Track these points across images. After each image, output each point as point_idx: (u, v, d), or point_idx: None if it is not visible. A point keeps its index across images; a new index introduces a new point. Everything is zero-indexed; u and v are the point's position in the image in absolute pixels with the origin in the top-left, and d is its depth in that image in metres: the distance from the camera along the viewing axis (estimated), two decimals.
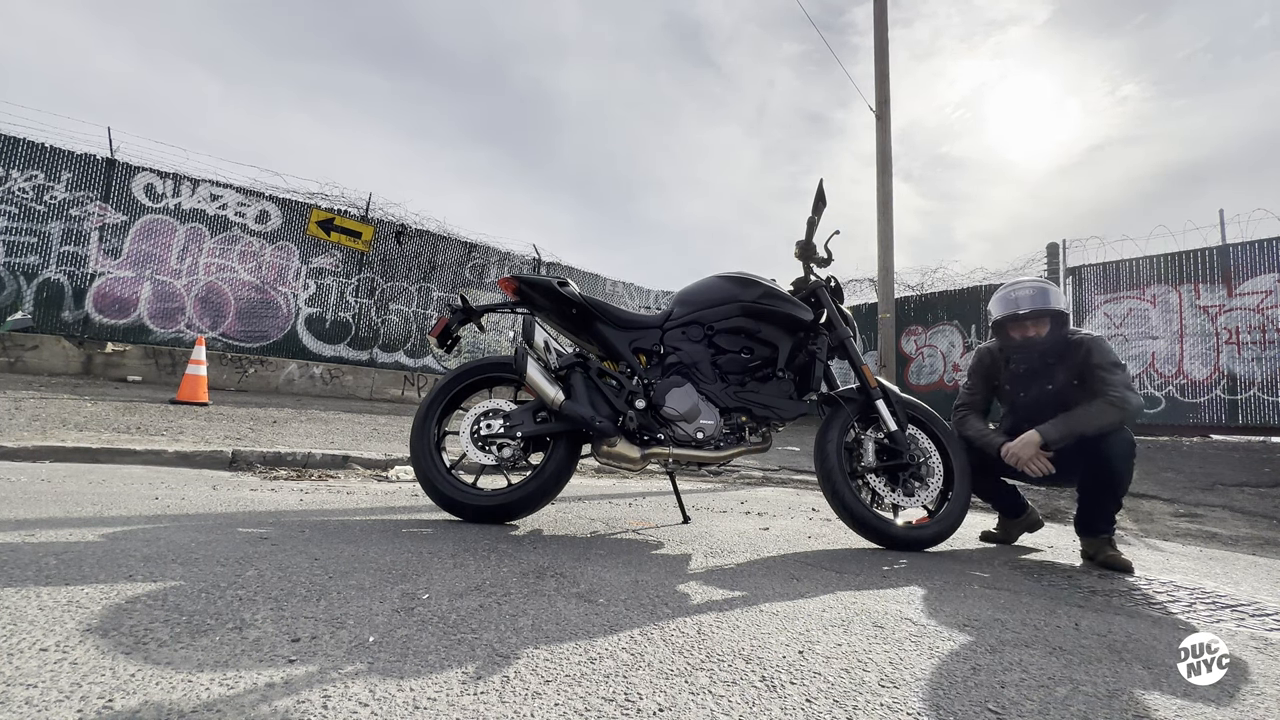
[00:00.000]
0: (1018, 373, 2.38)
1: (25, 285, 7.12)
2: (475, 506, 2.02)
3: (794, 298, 2.29)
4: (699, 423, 2.10)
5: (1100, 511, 2.12)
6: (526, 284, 2.17)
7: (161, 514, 1.83)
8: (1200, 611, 1.56)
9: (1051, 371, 2.29)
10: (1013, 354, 2.38)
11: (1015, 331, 2.35)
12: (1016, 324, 2.34)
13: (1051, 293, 2.31)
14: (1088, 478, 2.16)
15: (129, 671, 0.79)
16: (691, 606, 1.29)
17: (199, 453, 3.10)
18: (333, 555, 1.45)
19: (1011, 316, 2.32)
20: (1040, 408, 2.26)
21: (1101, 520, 2.12)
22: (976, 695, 0.93)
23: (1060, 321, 2.30)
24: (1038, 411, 2.25)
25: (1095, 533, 2.12)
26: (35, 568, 1.19)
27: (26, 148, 7.23)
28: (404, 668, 0.87)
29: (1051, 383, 2.28)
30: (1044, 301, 2.29)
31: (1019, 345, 2.34)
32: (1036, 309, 2.28)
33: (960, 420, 2.49)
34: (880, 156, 7.42)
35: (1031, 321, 2.31)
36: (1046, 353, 2.29)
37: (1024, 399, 2.36)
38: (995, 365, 2.49)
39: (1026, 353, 2.33)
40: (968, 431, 2.43)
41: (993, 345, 2.51)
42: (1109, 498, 2.11)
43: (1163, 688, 1.03)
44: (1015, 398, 2.40)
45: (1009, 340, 2.38)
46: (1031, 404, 2.32)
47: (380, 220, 9.50)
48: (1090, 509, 2.15)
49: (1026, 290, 2.33)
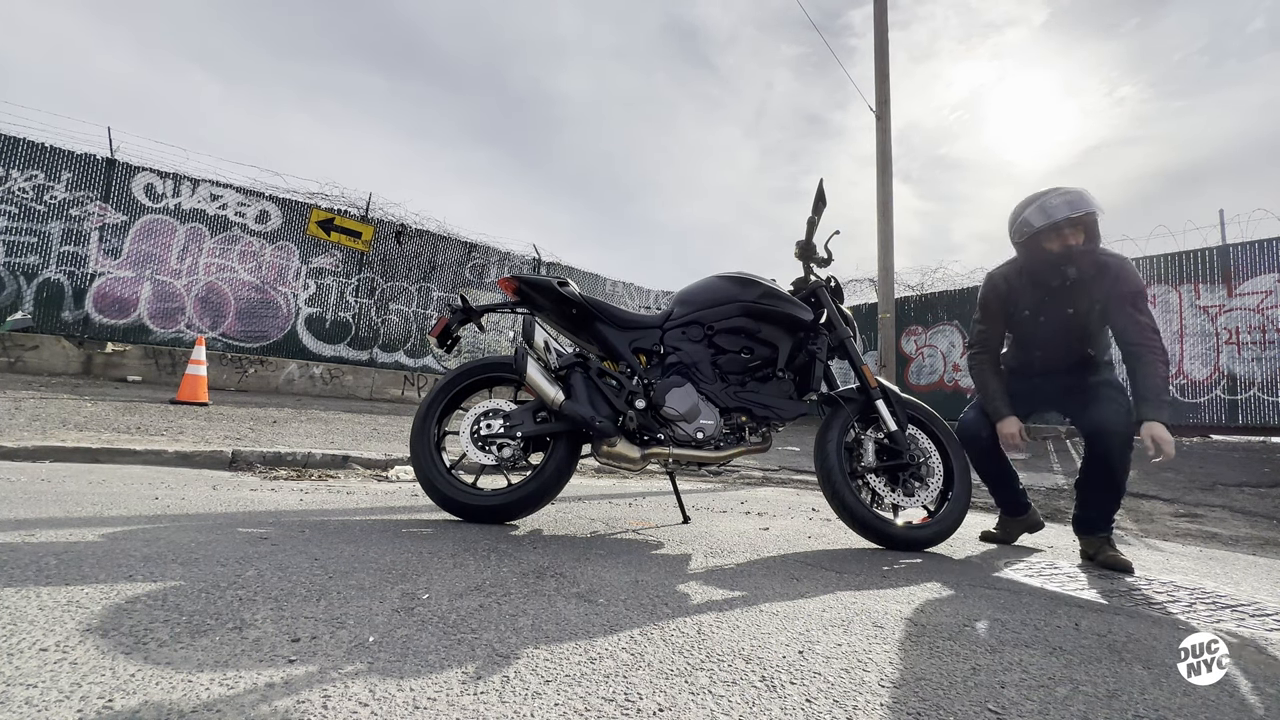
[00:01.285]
0: (1041, 297, 2.19)
1: (25, 285, 7.12)
2: (475, 506, 2.02)
3: (794, 298, 2.29)
4: (699, 423, 2.10)
5: (1099, 511, 2.11)
6: (526, 284, 2.17)
7: (161, 514, 1.83)
8: (1200, 611, 1.56)
9: (1075, 294, 2.11)
10: (1047, 269, 2.13)
11: (1054, 242, 2.10)
12: (1056, 232, 2.08)
13: (1092, 195, 2.07)
14: (1086, 476, 2.14)
15: (129, 671, 0.79)
16: (691, 606, 1.29)
17: (199, 453, 3.09)
18: (333, 555, 1.45)
19: (1064, 221, 2.05)
20: (1062, 337, 2.15)
21: (1100, 520, 2.11)
22: (976, 695, 0.93)
23: (1096, 233, 2.09)
24: (1059, 342, 2.15)
25: (1093, 531, 2.11)
26: (35, 568, 1.19)
27: (26, 147, 7.23)
28: (404, 668, 0.87)
29: (1074, 307, 2.12)
30: (1090, 203, 2.05)
31: (1058, 257, 2.09)
32: (1089, 210, 2.04)
33: (978, 369, 2.35)
34: (880, 157, 7.42)
35: (1074, 229, 2.07)
36: (1085, 269, 2.08)
37: (1045, 326, 2.19)
38: (1012, 292, 2.27)
39: (1065, 266, 2.08)
40: (988, 386, 2.29)
41: (1007, 270, 2.30)
42: (1108, 497, 2.10)
43: (1163, 688, 1.03)
44: (1034, 325, 2.21)
45: (1044, 255, 2.12)
46: (1052, 334, 2.18)
47: (380, 220, 9.50)
48: (1088, 508, 2.14)
49: (1070, 194, 2.07)
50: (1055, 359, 2.25)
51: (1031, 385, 2.34)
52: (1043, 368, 2.29)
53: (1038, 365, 2.29)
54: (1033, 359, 2.22)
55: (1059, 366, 2.25)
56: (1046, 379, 2.30)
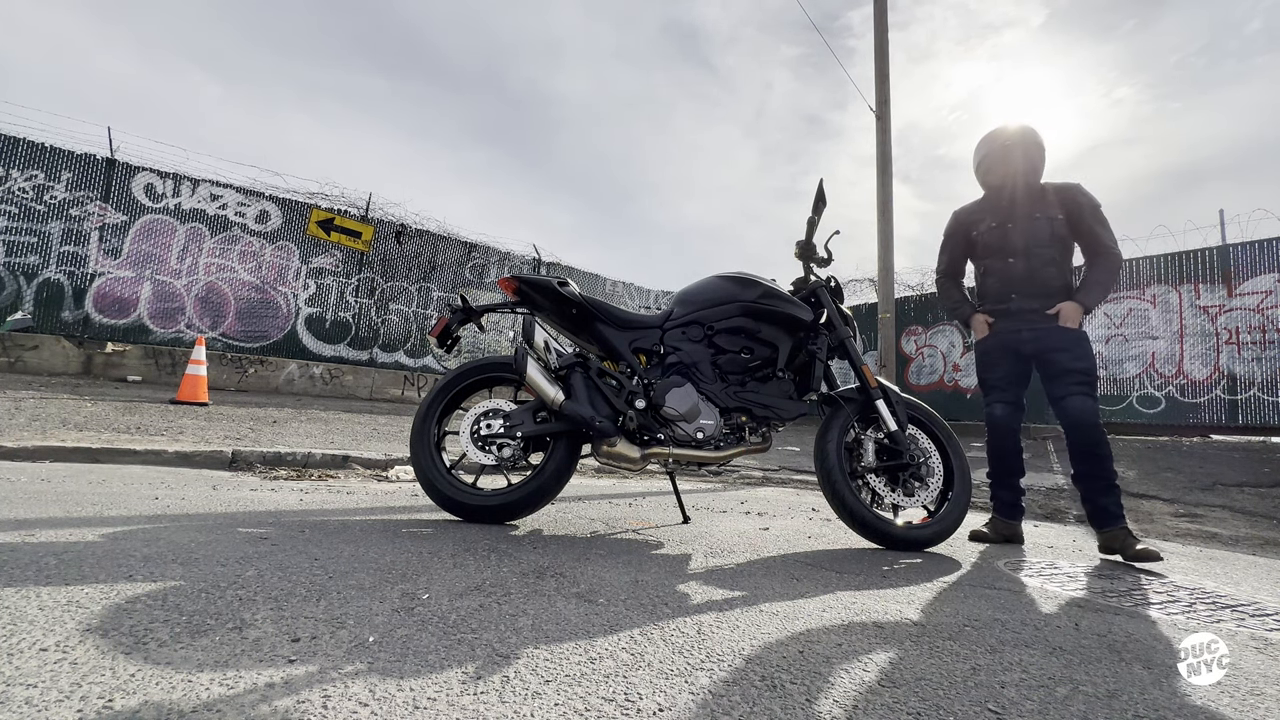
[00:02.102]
0: (1003, 214, 2.44)
1: (25, 285, 7.12)
2: (475, 506, 2.02)
3: (794, 298, 2.29)
4: (699, 423, 2.10)
5: (1108, 499, 2.20)
6: (526, 284, 2.17)
7: (161, 514, 1.83)
8: (1200, 611, 1.56)
9: (1034, 204, 2.39)
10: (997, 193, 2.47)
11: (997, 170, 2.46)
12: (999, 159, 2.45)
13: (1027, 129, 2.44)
14: (1078, 470, 2.30)
15: (129, 671, 0.79)
16: (691, 606, 1.29)
17: (199, 453, 3.10)
18: (333, 555, 1.45)
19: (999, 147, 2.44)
20: (1033, 238, 2.35)
21: (1114, 508, 2.19)
22: (976, 695, 0.93)
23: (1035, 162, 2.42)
24: (1032, 245, 2.35)
25: (1111, 524, 2.18)
26: (35, 568, 1.19)
27: (26, 147, 7.23)
28: (404, 668, 0.87)
29: (1039, 213, 2.36)
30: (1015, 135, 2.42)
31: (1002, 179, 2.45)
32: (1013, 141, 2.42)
33: (944, 289, 2.67)
34: (880, 157, 7.42)
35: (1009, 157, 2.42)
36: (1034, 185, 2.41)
37: (1013, 232, 2.39)
38: (972, 215, 2.55)
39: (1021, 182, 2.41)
40: (953, 297, 2.63)
41: (970, 205, 2.60)
42: (1104, 485, 2.21)
43: (1163, 688, 1.03)
44: (1002, 234, 2.42)
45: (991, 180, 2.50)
46: (1022, 237, 2.37)
47: (380, 220, 9.51)
48: (1095, 499, 2.23)
49: (1005, 128, 2.47)
50: (1033, 269, 2.36)
51: (1014, 333, 2.41)
52: (1023, 281, 2.38)
53: (1017, 279, 2.39)
54: (1010, 272, 2.39)
55: (1038, 281, 2.36)
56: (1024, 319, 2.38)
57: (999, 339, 2.46)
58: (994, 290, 2.47)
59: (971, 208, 2.58)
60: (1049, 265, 2.35)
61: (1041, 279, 2.35)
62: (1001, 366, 2.46)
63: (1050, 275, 2.35)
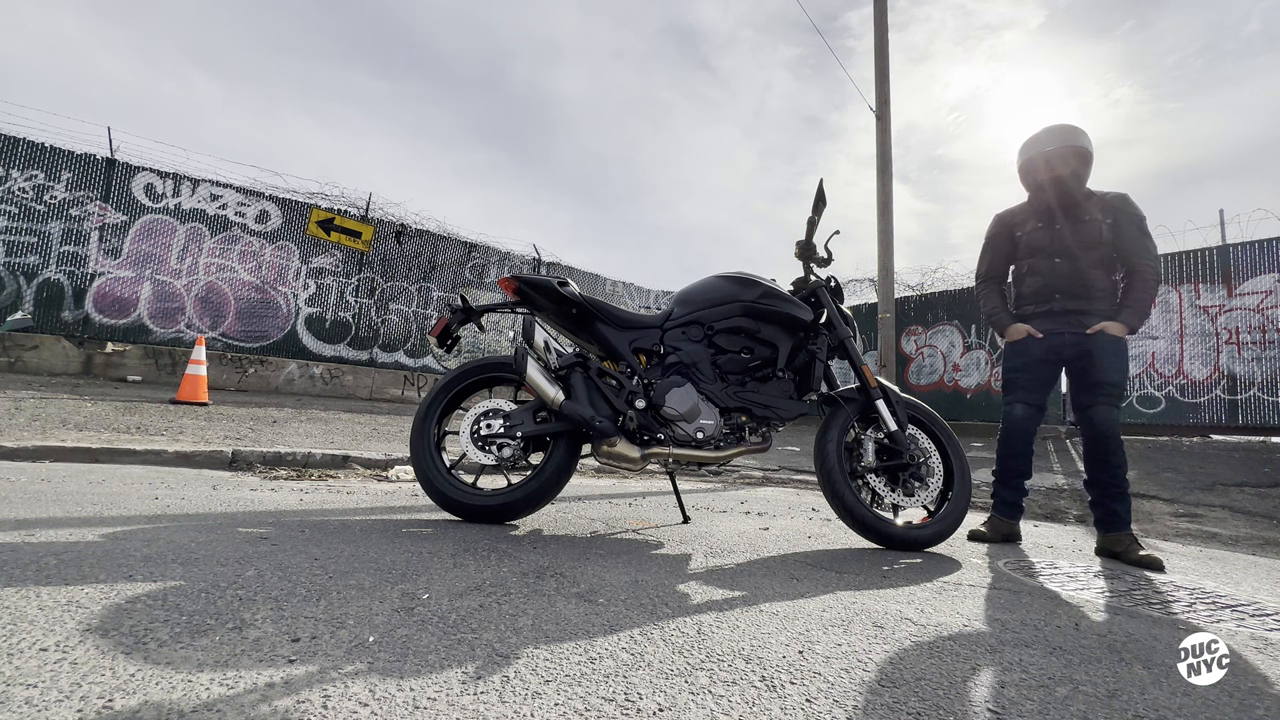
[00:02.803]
0: (1049, 215, 2.39)
1: (25, 285, 7.12)
2: (475, 506, 2.02)
3: (794, 298, 2.29)
4: (699, 423, 2.10)
5: (1120, 506, 2.24)
6: (527, 284, 2.17)
7: (161, 514, 1.83)
8: (1200, 611, 1.56)
9: (1083, 208, 2.34)
10: (1043, 194, 2.41)
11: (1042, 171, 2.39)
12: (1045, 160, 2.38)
13: (1080, 131, 2.37)
14: (1092, 477, 2.32)
15: (129, 671, 0.79)
16: (691, 606, 1.29)
17: (199, 453, 3.10)
18: (333, 555, 1.45)
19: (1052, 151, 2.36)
20: (1077, 241, 2.31)
21: (1124, 514, 2.23)
22: (976, 695, 0.93)
23: (1085, 165, 2.36)
24: (1075, 247, 2.31)
25: (1117, 529, 2.22)
26: (35, 568, 1.19)
27: (26, 147, 7.23)
28: (404, 668, 0.87)
29: (1088, 215, 2.32)
30: (1074, 138, 2.35)
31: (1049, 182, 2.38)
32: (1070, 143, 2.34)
33: (985, 294, 2.59)
34: (880, 157, 7.42)
35: (1061, 159, 2.35)
36: (1081, 189, 2.36)
37: (1059, 233, 2.35)
38: (1015, 217, 2.50)
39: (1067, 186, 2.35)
40: (993, 304, 2.55)
41: (1014, 207, 2.55)
42: (1117, 493, 2.25)
43: (1163, 688, 1.03)
44: (1048, 235, 2.37)
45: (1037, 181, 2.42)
46: (1067, 239, 2.33)
47: (380, 220, 9.50)
48: (1106, 505, 2.26)
49: (1056, 128, 2.39)
50: (1079, 270, 2.32)
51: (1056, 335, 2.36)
52: (1068, 281, 2.34)
53: (1062, 278, 2.35)
54: (1055, 271, 2.35)
55: (1084, 282, 2.32)
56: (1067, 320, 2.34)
57: (1039, 340, 2.40)
58: (1036, 290, 2.41)
59: (1015, 210, 2.52)
60: (1096, 267, 2.31)
61: (1087, 280, 2.31)
62: (1033, 368, 2.41)
63: (1097, 277, 2.31)
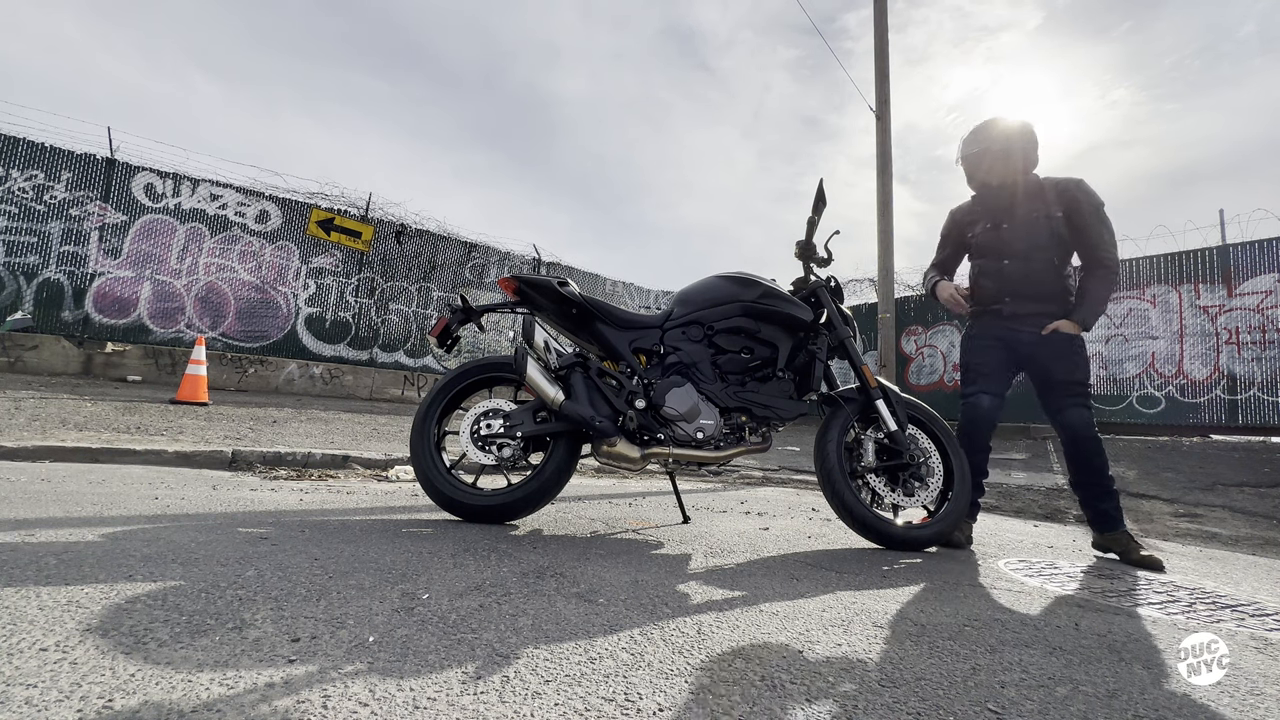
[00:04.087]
0: (998, 213, 2.38)
1: (25, 285, 7.12)
2: (475, 506, 2.02)
3: (794, 298, 2.29)
4: (699, 423, 2.10)
5: (1109, 505, 2.22)
6: (527, 284, 2.17)
7: (161, 514, 1.83)
8: (1200, 611, 1.56)
9: (1031, 203, 2.32)
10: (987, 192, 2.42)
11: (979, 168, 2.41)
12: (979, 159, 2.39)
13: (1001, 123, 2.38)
14: (1076, 478, 2.31)
15: (129, 671, 0.79)
16: (691, 606, 1.29)
17: (199, 453, 3.09)
18: (333, 555, 1.45)
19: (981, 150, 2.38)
20: (1028, 241, 2.30)
21: (1115, 513, 2.21)
22: (976, 695, 0.93)
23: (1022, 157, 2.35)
24: (1027, 247, 2.30)
25: (1113, 528, 2.20)
26: (35, 568, 1.19)
27: (26, 147, 7.23)
28: (404, 668, 0.87)
29: (1037, 212, 2.30)
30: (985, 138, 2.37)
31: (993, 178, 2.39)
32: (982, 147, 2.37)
33: (931, 284, 2.56)
34: (880, 157, 7.42)
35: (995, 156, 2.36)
36: (1028, 180, 2.35)
37: (1008, 232, 2.33)
38: (968, 215, 2.49)
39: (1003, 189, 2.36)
40: (934, 282, 2.53)
41: (966, 204, 2.54)
42: (1103, 492, 2.23)
43: (1163, 688, 1.03)
44: (996, 234, 2.36)
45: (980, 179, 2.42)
46: (1017, 238, 2.31)
47: (380, 220, 9.50)
48: (1096, 504, 2.25)
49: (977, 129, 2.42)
50: (1029, 271, 2.31)
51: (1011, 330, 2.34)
52: (1018, 283, 2.31)
53: (1012, 281, 2.33)
54: (1005, 274, 2.33)
55: (1034, 283, 2.30)
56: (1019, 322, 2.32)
57: (994, 330, 2.38)
58: (989, 292, 2.39)
59: (967, 207, 2.51)
60: (1046, 269, 2.28)
61: (1037, 282, 2.29)
62: (993, 356, 2.36)
63: (1048, 279, 2.29)
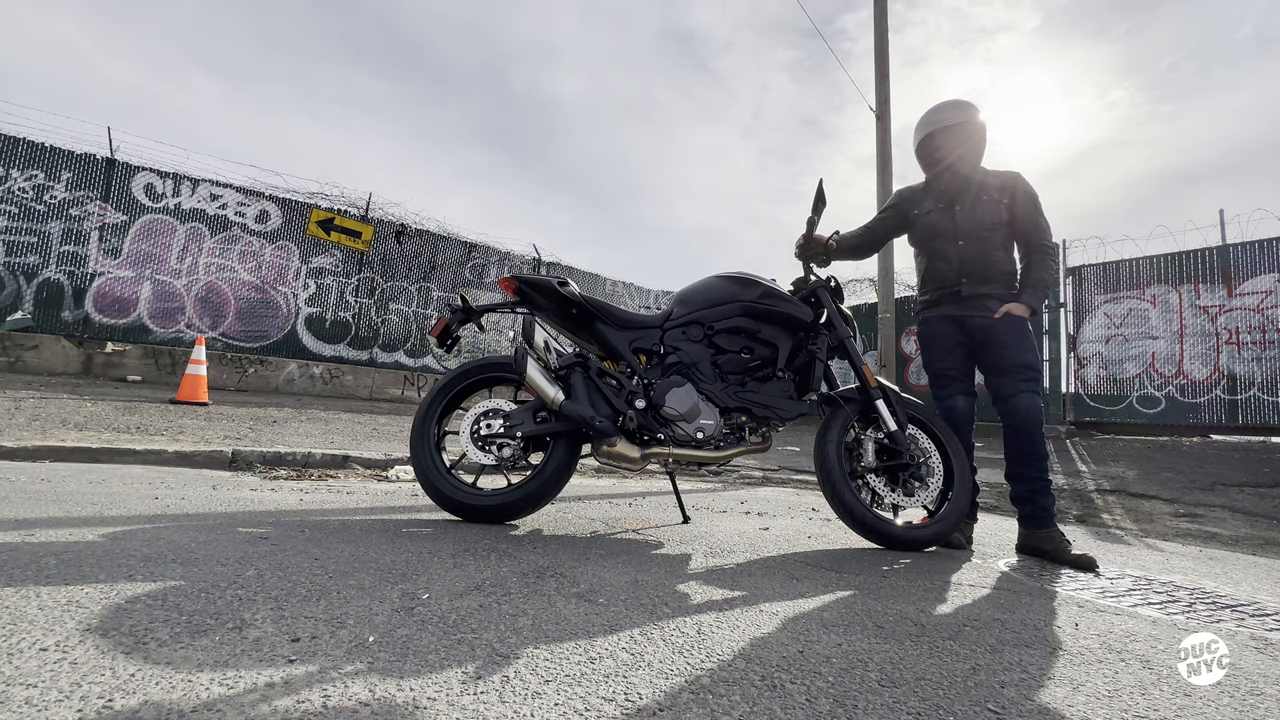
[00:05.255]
0: (948, 197, 2.36)
1: (25, 285, 7.12)
2: (475, 506, 2.02)
3: (794, 298, 2.29)
4: (699, 423, 2.10)
5: (1043, 499, 2.14)
6: (526, 284, 2.17)
7: (161, 514, 1.83)
8: (1200, 611, 1.56)
9: (978, 189, 2.32)
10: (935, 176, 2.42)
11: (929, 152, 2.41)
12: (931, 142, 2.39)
13: (957, 105, 2.38)
14: (1016, 470, 2.22)
15: (129, 671, 0.79)
16: (691, 606, 1.29)
17: (199, 453, 3.09)
18: (333, 555, 1.45)
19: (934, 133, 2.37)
20: (976, 224, 2.29)
21: (1050, 506, 2.14)
22: (976, 695, 0.93)
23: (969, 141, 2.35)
24: (975, 230, 2.29)
25: (1047, 524, 2.13)
26: (35, 568, 1.19)
27: (26, 147, 7.22)
28: (404, 668, 0.87)
29: (984, 195, 2.31)
30: (943, 117, 2.36)
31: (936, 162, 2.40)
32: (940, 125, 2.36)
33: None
34: (880, 156, 7.42)
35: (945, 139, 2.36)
36: (976, 168, 2.36)
37: (959, 214, 2.32)
38: (915, 195, 2.48)
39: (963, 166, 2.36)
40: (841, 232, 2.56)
41: (915, 184, 2.54)
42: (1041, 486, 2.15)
43: (1163, 688, 1.03)
44: (945, 216, 2.35)
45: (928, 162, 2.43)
46: (965, 222, 2.31)
47: (380, 220, 9.50)
48: (1032, 499, 2.16)
49: (931, 110, 2.41)
50: (984, 252, 2.29)
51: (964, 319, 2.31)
52: (974, 264, 2.29)
53: (968, 262, 2.31)
54: (960, 254, 2.31)
55: (987, 263, 2.29)
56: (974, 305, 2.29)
57: (945, 325, 2.36)
58: (942, 274, 2.36)
59: (915, 188, 2.50)
60: (999, 249, 2.29)
61: (992, 263, 2.29)
62: (955, 355, 2.35)
63: (1000, 259, 2.29)
